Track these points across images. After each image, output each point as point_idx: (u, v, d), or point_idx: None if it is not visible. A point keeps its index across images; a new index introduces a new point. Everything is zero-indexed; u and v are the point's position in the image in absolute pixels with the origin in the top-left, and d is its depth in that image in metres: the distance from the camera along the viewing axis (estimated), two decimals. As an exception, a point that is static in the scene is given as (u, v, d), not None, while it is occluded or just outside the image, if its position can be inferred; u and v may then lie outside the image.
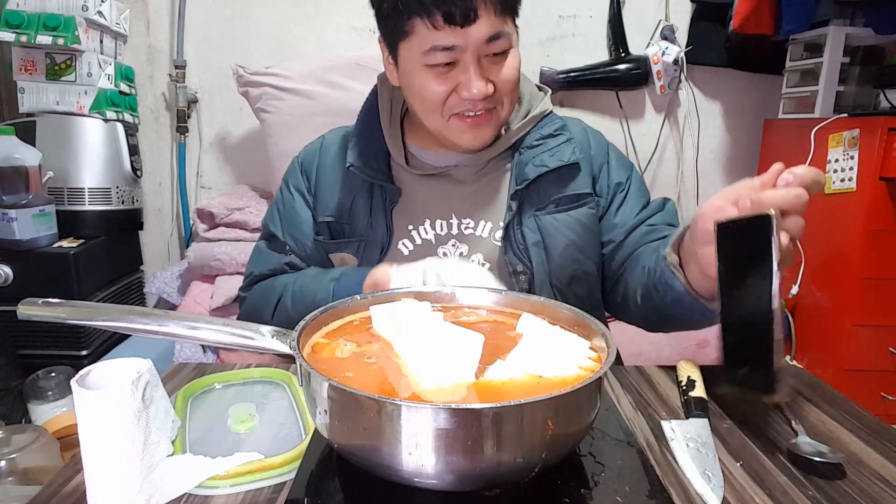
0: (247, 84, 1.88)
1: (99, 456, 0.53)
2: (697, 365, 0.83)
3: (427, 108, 0.88)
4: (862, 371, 1.76)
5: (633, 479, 0.54)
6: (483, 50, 0.82)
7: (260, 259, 1.02)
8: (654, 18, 2.13)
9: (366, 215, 0.94)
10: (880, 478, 0.62)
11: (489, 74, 0.84)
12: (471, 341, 0.56)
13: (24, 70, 1.70)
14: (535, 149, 0.94)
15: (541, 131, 0.95)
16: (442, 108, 0.86)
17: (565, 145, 0.94)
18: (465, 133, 0.88)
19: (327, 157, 0.99)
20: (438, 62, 0.82)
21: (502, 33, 0.82)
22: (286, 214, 1.00)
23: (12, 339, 1.56)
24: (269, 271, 0.99)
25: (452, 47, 0.81)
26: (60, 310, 0.58)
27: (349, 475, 0.55)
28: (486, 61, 0.84)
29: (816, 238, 1.87)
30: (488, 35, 0.81)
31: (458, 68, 0.83)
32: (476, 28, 0.80)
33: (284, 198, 1.02)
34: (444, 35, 0.80)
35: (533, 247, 0.91)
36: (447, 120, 0.87)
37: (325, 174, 0.98)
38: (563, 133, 0.95)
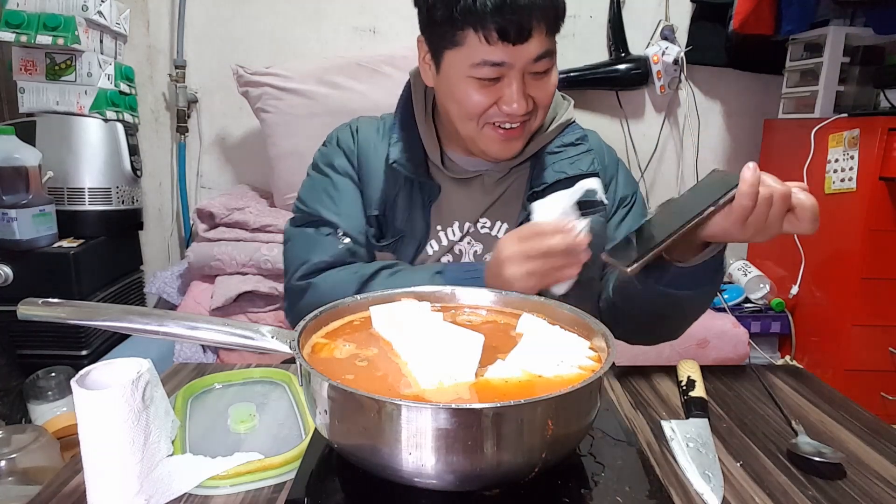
0: (247, 84, 1.88)
1: (99, 456, 0.53)
2: (697, 365, 0.83)
3: (463, 116, 0.87)
4: (862, 371, 1.76)
5: (633, 479, 0.54)
6: (529, 67, 0.82)
7: (316, 246, 0.91)
8: (654, 18, 2.13)
9: (405, 211, 0.93)
10: (880, 478, 0.62)
11: (530, 90, 0.84)
12: (471, 341, 0.56)
13: (24, 70, 1.70)
14: (556, 155, 0.94)
15: (562, 139, 0.96)
16: (479, 118, 0.86)
17: (585, 155, 0.95)
18: (496, 143, 0.88)
19: (367, 149, 0.96)
20: (485, 76, 0.82)
21: (549, 52, 0.82)
22: (340, 198, 0.94)
23: (12, 339, 1.56)
24: (332, 259, 0.90)
25: (502, 63, 0.80)
26: (60, 310, 0.58)
27: (349, 475, 0.55)
28: (529, 77, 0.83)
29: (816, 238, 1.87)
30: (537, 54, 0.81)
31: (503, 83, 0.83)
32: (527, 46, 0.79)
33: (335, 181, 0.95)
34: (494, 50, 0.79)
35: None
36: (481, 128, 0.87)
37: (370, 165, 0.95)
38: (583, 143, 0.96)
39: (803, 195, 0.65)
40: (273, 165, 1.88)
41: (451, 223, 0.94)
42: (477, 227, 0.95)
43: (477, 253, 0.94)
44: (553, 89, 0.87)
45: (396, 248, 0.94)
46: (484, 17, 0.77)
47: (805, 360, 1.93)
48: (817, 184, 1.85)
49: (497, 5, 0.76)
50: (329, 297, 0.81)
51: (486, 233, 0.95)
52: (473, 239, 0.94)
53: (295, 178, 1.84)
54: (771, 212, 0.65)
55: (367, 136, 0.97)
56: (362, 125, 1.00)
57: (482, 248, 0.94)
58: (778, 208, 0.65)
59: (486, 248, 0.94)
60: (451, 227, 0.94)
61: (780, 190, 0.65)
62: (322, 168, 0.97)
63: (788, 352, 2.00)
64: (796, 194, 0.66)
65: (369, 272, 0.87)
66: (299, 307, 0.89)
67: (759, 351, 2.01)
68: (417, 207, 0.93)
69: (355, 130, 0.99)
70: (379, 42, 2.14)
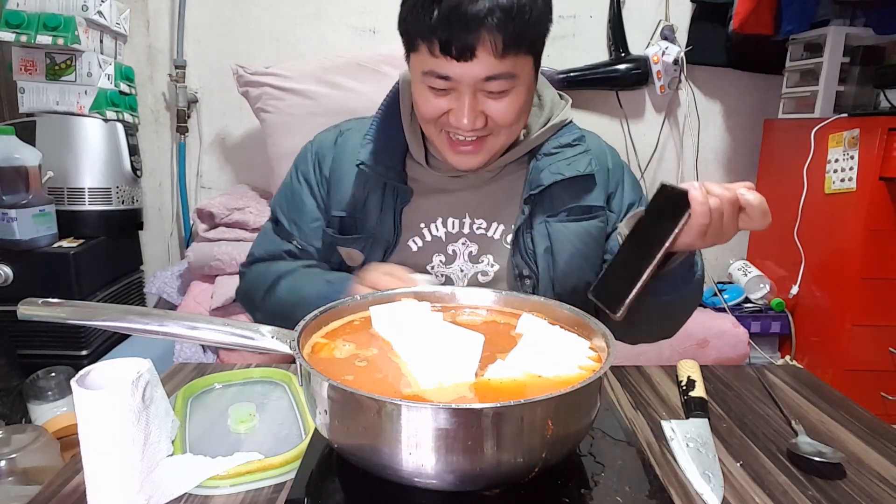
0: (247, 84, 1.88)
1: (99, 456, 0.53)
2: (698, 365, 0.83)
3: (422, 119, 0.88)
4: (862, 371, 1.76)
5: (633, 479, 0.54)
6: (480, 86, 0.80)
7: (264, 241, 1.02)
8: (654, 18, 2.13)
9: (376, 213, 0.93)
10: (880, 478, 0.62)
11: (484, 107, 0.82)
12: (471, 341, 0.56)
13: (24, 70, 1.70)
14: (553, 156, 0.93)
15: (559, 139, 0.95)
16: (435, 123, 0.86)
17: (582, 156, 0.94)
18: (450, 152, 0.88)
19: (345, 150, 0.97)
20: (435, 86, 0.81)
21: (504, 75, 0.79)
22: (292, 203, 1.00)
23: (12, 339, 1.56)
24: (268, 255, 1.00)
25: (448, 77, 0.79)
26: (60, 310, 0.58)
27: (349, 475, 0.55)
28: (482, 95, 0.81)
29: (816, 238, 1.87)
30: (487, 74, 0.78)
31: (453, 95, 0.82)
32: (472, 66, 0.77)
33: (293, 185, 1.00)
34: (440, 63, 0.78)
35: (543, 253, 0.91)
36: (438, 132, 0.87)
37: (342, 167, 0.96)
38: (580, 144, 0.95)
39: (750, 195, 0.68)
40: (273, 165, 1.88)
41: (435, 219, 0.94)
42: (473, 228, 0.94)
43: (472, 253, 0.94)
44: (512, 114, 0.83)
45: (366, 247, 0.94)
46: (430, 29, 0.76)
47: (805, 360, 1.93)
48: (817, 184, 1.85)
49: (440, 19, 0.75)
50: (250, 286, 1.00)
51: (481, 234, 0.94)
52: (469, 240, 0.94)
53: (295, 178, 1.85)
54: (724, 219, 0.68)
55: (349, 138, 0.98)
56: (352, 127, 1.00)
57: (477, 248, 0.94)
58: (729, 214, 0.68)
59: (481, 248, 0.94)
60: (434, 223, 0.94)
61: (728, 196, 0.67)
62: (292, 170, 1.02)
63: (788, 352, 2.00)
64: (743, 195, 0.68)
65: (285, 269, 0.94)
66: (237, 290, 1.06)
67: (759, 351, 2.01)
68: (388, 210, 0.93)
69: (339, 133, 1.00)
70: (379, 42, 2.14)
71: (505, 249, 0.93)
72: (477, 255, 0.94)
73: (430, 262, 0.94)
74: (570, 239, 0.92)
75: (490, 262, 0.93)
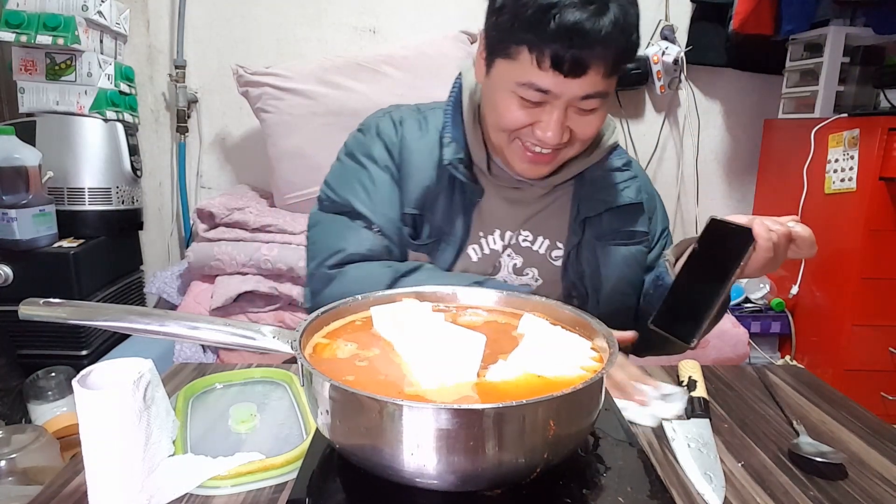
0: (247, 84, 1.88)
1: (100, 456, 0.53)
2: (698, 365, 0.83)
3: (498, 126, 0.84)
4: (862, 371, 1.76)
5: (635, 480, 0.54)
6: (575, 103, 0.78)
7: (351, 235, 0.88)
8: (654, 18, 2.13)
9: (445, 212, 0.89)
10: (881, 478, 0.62)
11: (570, 123, 0.80)
12: (472, 342, 0.56)
13: (24, 70, 1.70)
14: (602, 180, 0.93)
15: (609, 162, 0.94)
16: (511, 133, 0.83)
17: (632, 182, 0.94)
18: (522, 162, 0.85)
19: (411, 141, 0.91)
20: (528, 98, 0.78)
21: (601, 93, 0.78)
22: (376, 192, 0.89)
23: (12, 339, 1.56)
24: (368, 252, 0.87)
25: (548, 91, 0.77)
26: (61, 310, 0.58)
27: (350, 475, 0.55)
28: (572, 110, 0.80)
29: (816, 238, 1.86)
30: (588, 92, 0.77)
31: (544, 108, 0.79)
32: (578, 82, 0.75)
33: (372, 173, 0.90)
34: (544, 77, 0.75)
35: (590, 274, 0.92)
36: (511, 141, 0.84)
37: (412, 161, 0.90)
38: (629, 169, 0.95)
39: (799, 227, 0.72)
40: (273, 165, 1.88)
41: (493, 231, 0.92)
42: (518, 239, 0.93)
43: (517, 266, 0.92)
44: (595, 130, 0.83)
45: (433, 250, 0.90)
46: (542, 40, 0.73)
47: (805, 360, 1.93)
48: (817, 184, 1.85)
49: (559, 31, 0.72)
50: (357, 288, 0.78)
51: (527, 246, 0.93)
52: (514, 251, 0.93)
53: (295, 178, 1.85)
54: (778, 251, 0.72)
55: (411, 129, 0.93)
56: (406, 117, 0.94)
57: (522, 261, 0.92)
58: (783, 247, 0.72)
59: (525, 261, 0.93)
60: (492, 235, 0.92)
61: (783, 231, 0.72)
62: (358, 157, 0.92)
63: (788, 352, 2.00)
64: (794, 228, 0.72)
65: (405, 268, 0.85)
66: (324, 294, 0.85)
67: (759, 351, 2.02)
68: (458, 210, 0.90)
69: (399, 122, 0.93)
70: (379, 42, 2.14)
71: (551, 265, 0.93)
72: (521, 268, 0.93)
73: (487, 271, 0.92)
74: (617, 263, 0.93)
75: (535, 275, 0.93)
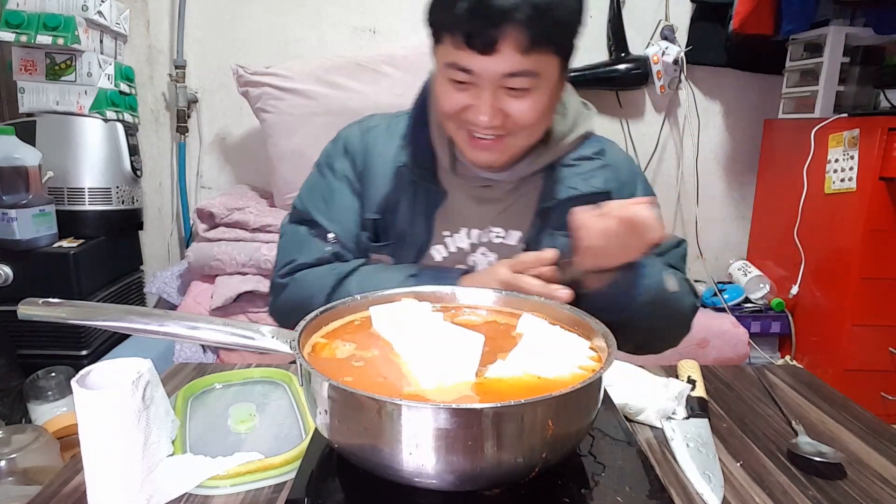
0: (247, 84, 1.88)
1: (99, 456, 0.53)
2: (698, 365, 0.83)
3: (442, 114, 0.86)
4: (862, 371, 1.76)
5: (634, 479, 0.54)
6: (501, 82, 0.78)
7: (304, 246, 0.92)
8: (654, 18, 2.13)
9: (407, 215, 0.91)
10: (881, 478, 0.62)
11: (504, 105, 0.80)
12: (471, 341, 0.56)
13: (24, 70, 1.70)
14: (570, 168, 0.91)
15: (580, 151, 0.93)
16: (454, 118, 0.84)
17: (600, 171, 0.92)
18: (470, 149, 0.86)
19: (374, 149, 0.94)
20: (457, 79, 0.80)
21: (527, 73, 0.77)
22: (333, 202, 0.94)
23: (12, 339, 1.56)
24: (315, 260, 0.91)
25: (470, 70, 0.77)
26: (60, 310, 0.58)
27: (349, 475, 0.55)
28: (503, 92, 0.79)
29: (816, 238, 1.87)
30: (508, 70, 0.76)
31: (474, 90, 0.80)
32: (494, 60, 0.76)
33: (330, 184, 0.95)
34: (463, 56, 0.77)
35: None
36: (458, 129, 0.85)
37: (375, 167, 0.93)
38: (600, 158, 0.93)
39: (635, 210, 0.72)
40: (273, 165, 1.88)
41: (459, 229, 0.92)
42: (490, 237, 0.93)
43: (492, 263, 0.92)
44: (531, 116, 0.81)
45: (396, 252, 0.92)
46: (454, 20, 0.75)
47: (805, 360, 1.93)
48: (817, 184, 1.85)
49: (466, 11, 0.74)
50: (307, 291, 0.89)
51: (499, 242, 0.93)
52: (488, 249, 0.93)
53: (295, 177, 1.85)
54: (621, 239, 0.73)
55: (377, 136, 0.95)
56: (375, 125, 0.97)
57: (496, 257, 0.92)
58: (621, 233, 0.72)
59: (500, 256, 0.92)
60: (458, 234, 0.92)
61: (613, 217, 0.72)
62: (322, 168, 0.97)
63: (788, 352, 2.00)
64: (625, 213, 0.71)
65: (347, 269, 0.88)
66: (278, 303, 0.92)
67: (759, 351, 2.02)
68: (420, 212, 0.91)
69: (366, 130, 0.97)
70: (379, 42, 2.14)
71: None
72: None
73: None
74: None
75: None
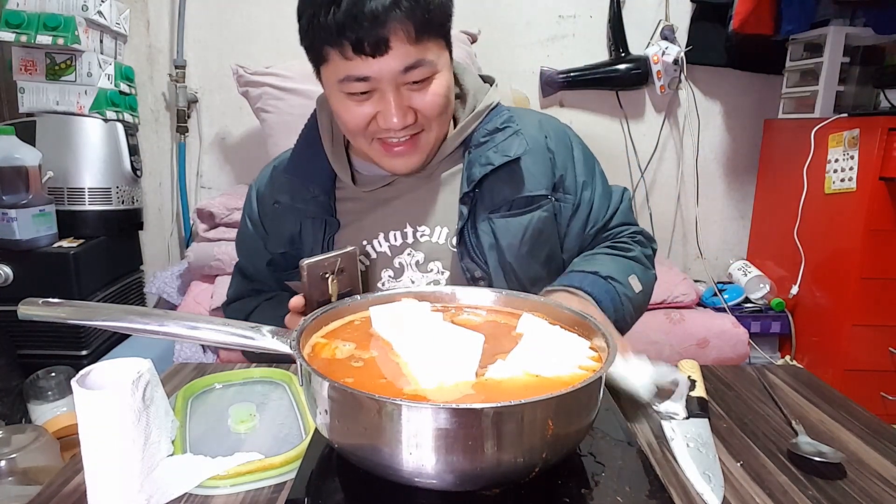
0: (247, 84, 1.88)
1: (99, 456, 0.53)
2: (698, 365, 0.83)
3: (350, 133, 0.84)
4: (862, 371, 1.76)
5: (634, 479, 0.54)
6: (401, 79, 0.77)
7: (233, 282, 1.07)
8: (654, 18, 2.13)
9: (310, 244, 0.92)
10: (880, 478, 0.62)
11: (411, 102, 0.79)
12: (471, 341, 0.56)
13: (24, 70, 1.70)
14: (483, 146, 0.88)
15: (487, 126, 0.89)
16: (364, 133, 0.82)
17: (512, 139, 0.88)
18: (389, 158, 0.84)
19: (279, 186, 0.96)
20: (355, 90, 0.77)
21: (422, 62, 0.76)
22: (245, 246, 1.03)
23: (12, 339, 1.56)
24: (237, 296, 1.04)
25: (367, 78, 0.76)
26: (60, 310, 0.58)
27: (349, 475, 0.55)
28: (406, 89, 0.78)
29: (816, 238, 1.87)
30: (404, 66, 0.75)
31: (377, 96, 0.78)
32: (389, 59, 0.74)
33: (244, 229, 1.03)
34: (356, 65, 0.75)
35: (489, 250, 0.87)
36: (370, 143, 0.83)
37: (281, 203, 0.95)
38: (509, 126, 0.89)
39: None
40: (273, 165, 1.88)
41: (376, 235, 0.91)
42: (417, 236, 0.90)
43: (419, 262, 0.90)
44: (440, 99, 0.80)
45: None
46: (335, 32, 0.73)
47: (805, 360, 1.93)
48: (817, 184, 1.85)
49: (345, 20, 0.72)
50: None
51: (426, 240, 0.90)
52: (414, 249, 0.90)
53: (295, 178, 1.85)
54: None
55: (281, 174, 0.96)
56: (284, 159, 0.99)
57: (423, 256, 0.90)
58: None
59: (427, 255, 0.90)
60: (376, 240, 0.91)
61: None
62: (243, 212, 1.05)
63: (788, 352, 2.00)
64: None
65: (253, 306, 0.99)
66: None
67: (759, 351, 2.02)
68: (318, 243, 0.91)
69: (273, 168, 1.00)
70: (379, 42, 2.14)
71: (451, 253, 0.90)
72: (424, 264, 0.90)
73: (380, 278, 0.91)
74: (516, 233, 0.88)
75: (439, 268, 0.90)
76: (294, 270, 0.92)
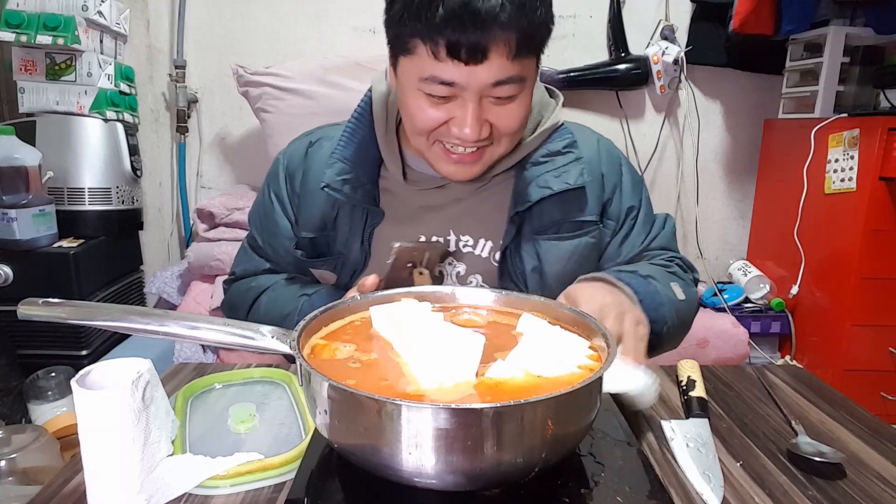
0: (247, 84, 1.88)
1: (99, 456, 0.53)
2: (697, 365, 0.83)
3: (413, 129, 0.80)
4: (862, 371, 1.76)
5: (634, 479, 0.54)
6: (488, 91, 0.72)
7: (243, 259, 1.00)
8: (654, 18, 2.13)
9: (345, 233, 0.87)
10: (880, 478, 0.62)
11: (489, 116, 0.75)
12: (471, 341, 0.56)
13: (24, 70, 1.70)
14: (541, 166, 0.85)
15: (549, 146, 0.86)
16: (429, 135, 0.78)
17: (573, 165, 0.85)
18: (447, 165, 0.80)
19: (315, 163, 0.89)
20: (435, 93, 0.73)
21: (514, 79, 0.72)
22: (265, 223, 0.95)
23: (12, 339, 1.56)
24: (247, 273, 0.98)
25: (452, 83, 0.71)
26: (60, 310, 0.58)
27: (349, 475, 0.55)
28: (488, 101, 0.74)
29: (816, 238, 1.87)
30: (497, 79, 0.71)
31: (456, 102, 0.74)
32: (483, 69, 0.69)
33: (265, 204, 0.95)
34: (445, 68, 0.70)
35: (530, 273, 0.86)
36: (431, 144, 0.80)
37: (312, 185, 0.88)
38: (572, 151, 0.87)
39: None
40: (273, 165, 1.88)
41: (417, 237, 0.87)
42: (459, 246, 0.88)
43: (460, 273, 0.88)
44: (519, 121, 0.77)
45: (336, 268, 0.90)
46: (433, 29, 0.68)
47: (805, 360, 1.93)
48: (817, 184, 1.85)
49: (449, 16, 0.66)
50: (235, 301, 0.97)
51: (468, 251, 0.88)
52: (455, 259, 0.88)
53: (295, 178, 1.85)
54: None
55: (320, 149, 0.91)
56: (321, 137, 0.93)
57: (465, 268, 0.88)
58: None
59: (469, 268, 0.87)
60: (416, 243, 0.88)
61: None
62: (265, 185, 0.96)
63: (788, 352, 2.00)
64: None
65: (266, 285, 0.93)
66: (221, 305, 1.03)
67: (759, 351, 2.02)
68: (357, 232, 0.87)
69: (310, 144, 0.93)
70: (379, 42, 2.11)
71: (493, 268, 0.87)
72: (465, 276, 0.88)
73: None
74: (560, 257, 0.86)
75: (479, 282, 0.88)
76: (320, 259, 0.90)
